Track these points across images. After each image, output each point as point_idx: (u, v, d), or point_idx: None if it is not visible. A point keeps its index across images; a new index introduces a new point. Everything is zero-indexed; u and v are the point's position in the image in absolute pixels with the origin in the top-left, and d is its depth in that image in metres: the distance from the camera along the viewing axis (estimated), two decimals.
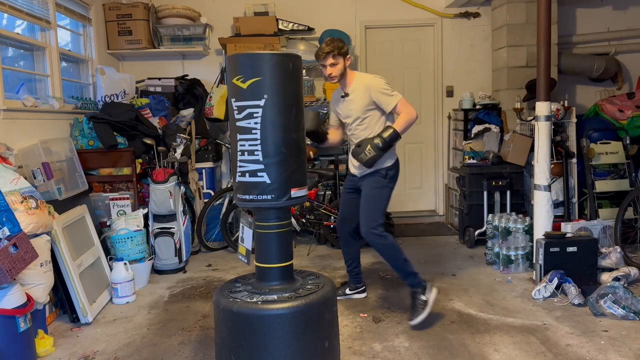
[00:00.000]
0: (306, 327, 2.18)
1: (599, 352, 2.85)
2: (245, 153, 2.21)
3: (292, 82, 2.24)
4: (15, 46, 4.06)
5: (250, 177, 2.21)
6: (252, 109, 2.17)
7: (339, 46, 3.25)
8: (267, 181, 2.19)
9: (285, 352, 2.15)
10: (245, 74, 2.17)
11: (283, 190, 2.21)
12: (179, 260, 4.44)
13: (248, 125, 2.18)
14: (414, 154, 6.30)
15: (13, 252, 2.61)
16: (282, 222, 2.29)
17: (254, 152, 2.19)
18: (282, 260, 2.31)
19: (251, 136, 2.18)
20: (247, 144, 2.19)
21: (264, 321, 2.14)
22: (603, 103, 5.38)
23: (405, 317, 3.39)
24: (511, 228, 4.36)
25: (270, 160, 2.18)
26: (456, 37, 6.07)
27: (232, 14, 5.74)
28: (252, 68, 2.17)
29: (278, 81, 2.18)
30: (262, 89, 2.16)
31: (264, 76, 2.16)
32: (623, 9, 6.07)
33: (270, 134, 2.18)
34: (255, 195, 2.21)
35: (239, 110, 2.21)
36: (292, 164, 2.23)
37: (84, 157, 4.24)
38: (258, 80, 2.16)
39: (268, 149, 2.18)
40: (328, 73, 3.30)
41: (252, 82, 2.16)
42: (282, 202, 2.21)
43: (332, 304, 2.34)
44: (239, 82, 2.19)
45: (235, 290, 2.31)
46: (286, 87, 2.20)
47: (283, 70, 2.20)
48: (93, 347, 3.09)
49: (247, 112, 2.18)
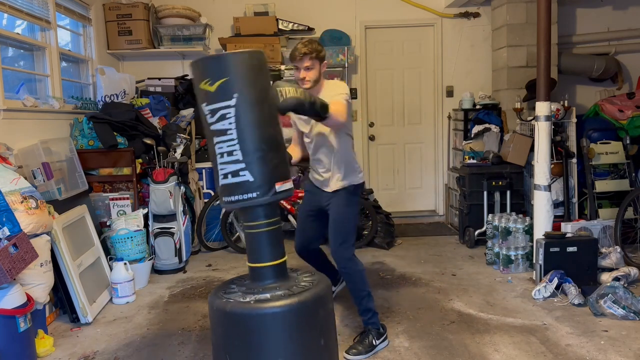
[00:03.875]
0: (300, 325, 2.16)
1: (599, 352, 2.85)
2: (224, 155, 2.17)
3: (260, 77, 2.21)
4: (15, 46, 4.06)
5: (232, 178, 2.17)
6: (224, 109, 2.14)
7: (317, 49, 2.89)
8: (250, 179, 2.15)
9: (279, 350, 2.14)
10: (212, 77, 2.14)
11: (267, 186, 2.17)
12: (179, 260, 4.44)
13: (223, 127, 2.15)
14: (414, 154, 6.30)
15: (13, 252, 2.61)
16: (271, 220, 2.26)
17: (233, 152, 2.15)
18: (274, 259, 2.28)
19: (227, 137, 2.15)
20: (225, 146, 2.16)
21: (256, 320, 2.12)
22: (603, 103, 5.38)
23: (405, 317, 3.39)
24: (511, 228, 4.36)
25: (251, 158, 2.15)
26: (456, 37, 6.07)
27: (232, 14, 5.74)
28: (218, 69, 2.14)
29: (246, 78, 2.15)
30: (231, 88, 2.12)
31: (231, 75, 2.13)
32: (623, 9, 6.07)
33: (247, 132, 2.15)
34: (240, 195, 2.17)
35: (212, 114, 2.17)
36: (273, 158, 2.19)
37: (84, 157, 4.24)
38: (226, 81, 2.12)
39: (247, 147, 2.15)
40: (302, 77, 2.90)
41: (220, 83, 2.12)
42: (268, 198, 2.18)
43: (327, 301, 2.32)
44: (206, 86, 2.15)
45: (229, 291, 2.30)
46: (255, 83, 2.17)
47: (249, 67, 2.17)
48: (93, 347, 3.09)
49: (220, 114, 2.15)
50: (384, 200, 5.98)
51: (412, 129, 6.28)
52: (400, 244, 5.24)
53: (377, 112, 6.23)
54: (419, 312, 3.48)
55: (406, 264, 4.55)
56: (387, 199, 6.14)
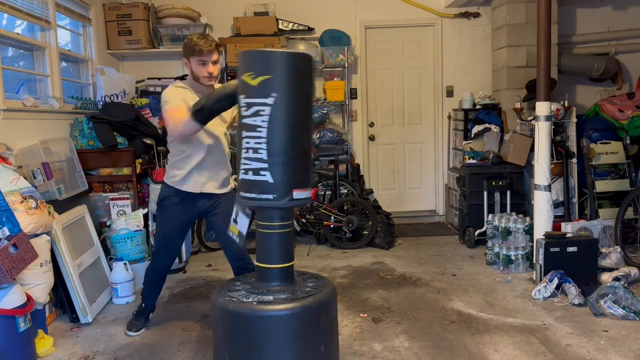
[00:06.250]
0: (301, 330, 2.16)
1: (599, 352, 2.85)
2: (249, 151, 2.17)
3: (304, 82, 2.19)
4: (15, 46, 4.06)
5: (253, 175, 2.18)
6: (259, 106, 2.13)
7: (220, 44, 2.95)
8: (269, 180, 2.16)
9: (278, 354, 2.13)
10: (256, 71, 2.13)
11: (285, 190, 2.17)
12: (179, 260, 4.43)
13: (254, 122, 2.14)
14: (414, 154, 6.30)
15: (13, 252, 2.61)
16: (284, 223, 2.26)
17: (259, 150, 2.15)
18: (282, 261, 2.28)
19: (257, 134, 2.14)
20: (253, 142, 2.16)
21: (256, 322, 2.12)
22: (603, 103, 5.39)
23: (405, 317, 3.39)
24: (511, 228, 4.36)
25: (275, 160, 2.15)
26: (456, 37, 6.07)
27: (232, 14, 5.74)
28: (263, 65, 2.13)
29: (289, 80, 2.13)
30: (271, 87, 2.11)
31: (274, 74, 2.11)
32: (623, 9, 6.07)
33: (277, 134, 2.14)
34: (257, 193, 2.18)
35: (247, 107, 2.16)
36: (297, 165, 2.19)
37: (84, 157, 4.23)
38: (268, 79, 2.11)
39: (273, 148, 2.14)
40: (209, 71, 2.87)
41: (262, 80, 2.11)
42: (283, 203, 2.18)
43: (330, 307, 2.30)
44: (248, 79, 2.14)
45: (233, 289, 2.30)
46: (297, 87, 2.15)
47: (295, 69, 2.15)
48: (93, 347, 3.09)
49: (254, 110, 2.14)
50: (384, 200, 5.99)
51: (412, 129, 6.28)
52: (400, 244, 5.24)
53: (377, 112, 6.22)
54: (419, 312, 3.48)
55: (406, 264, 4.55)
56: (387, 199, 6.15)
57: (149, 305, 3.35)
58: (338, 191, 5.38)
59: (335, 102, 5.69)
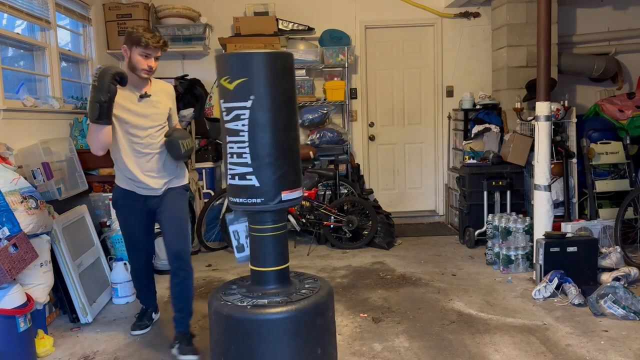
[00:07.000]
0: (296, 333, 2.14)
1: (599, 352, 2.85)
2: (234, 155, 2.16)
3: (282, 81, 2.16)
4: (15, 46, 4.06)
5: (239, 180, 2.16)
6: (239, 110, 2.12)
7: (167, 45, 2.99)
8: (255, 184, 2.13)
9: (274, 357, 2.12)
10: (232, 75, 2.11)
11: (273, 193, 2.15)
12: None
13: (236, 127, 2.13)
14: (414, 154, 6.30)
15: (13, 252, 2.61)
16: (275, 225, 2.24)
17: (242, 154, 2.13)
18: (277, 264, 2.26)
19: (239, 138, 2.13)
20: (236, 147, 2.14)
21: (251, 326, 2.11)
22: (603, 103, 5.39)
23: (405, 317, 3.39)
24: (511, 228, 4.36)
25: (259, 163, 2.13)
26: (456, 37, 6.07)
27: (232, 14, 5.73)
28: (239, 68, 2.11)
29: (265, 81, 2.10)
30: (248, 89, 2.09)
31: (250, 76, 2.09)
32: (623, 9, 6.07)
33: (258, 136, 2.12)
34: (245, 198, 2.16)
35: (227, 112, 2.15)
36: (283, 166, 2.16)
37: (84, 157, 4.23)
38: (244, 81, 2.09)
39: (256, 152, 2.12)
40: (149, 66, 2.87)
41: (238, 83, 2.10)
42: (272, 206, 2.15)
43: (327, 309, 2.28)
44: (225, 83, 2.13)
45: (229, 293, 2.29)
46: (275, 87, 2.12)
47: (271, 69, 2.12)
48: (93, 347, 3.09)
49: (234, 114, 2.13)
50: (384, 200, 5.99)
51: (412, 129, 6.28)
52: (400, 244, 5.24)
53: (377, 112, 6.22)
54: (419, 312, 3.48)
55: (406, 264, 4.55)
56: (387, 199, 6.15)
57: (150, 306, 3.37)
58: (338, 191, 5.38)
59: (335, 102, 5.69)
